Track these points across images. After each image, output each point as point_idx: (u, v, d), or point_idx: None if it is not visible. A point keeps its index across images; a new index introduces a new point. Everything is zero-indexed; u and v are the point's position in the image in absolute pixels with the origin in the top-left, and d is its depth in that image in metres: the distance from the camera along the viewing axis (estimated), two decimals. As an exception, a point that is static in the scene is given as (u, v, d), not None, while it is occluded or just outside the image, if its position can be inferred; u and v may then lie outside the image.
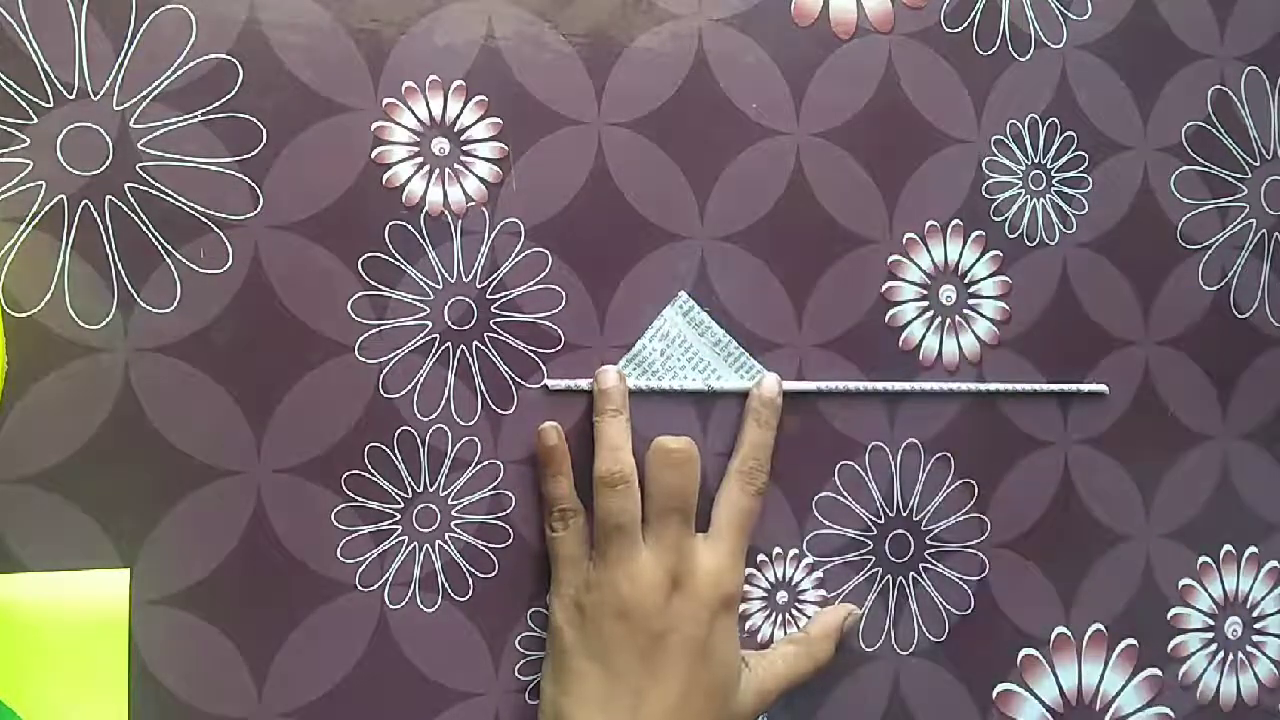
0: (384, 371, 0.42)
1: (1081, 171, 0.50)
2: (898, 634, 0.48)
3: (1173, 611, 0.51)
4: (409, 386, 0.42)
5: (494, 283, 0.43)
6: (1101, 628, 0.50)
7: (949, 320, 0.49)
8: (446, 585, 0.43)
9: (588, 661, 0.41)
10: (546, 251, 0.44)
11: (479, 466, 0.43)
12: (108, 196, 0.39)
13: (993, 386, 0.48)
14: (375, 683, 0.42)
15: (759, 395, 0.45)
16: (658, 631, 0.41)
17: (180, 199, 0.40)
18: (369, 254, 0.42)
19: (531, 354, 0.44)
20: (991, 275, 0.49)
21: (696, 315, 0.45)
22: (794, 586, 0.47)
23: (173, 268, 0.40)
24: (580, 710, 0.40)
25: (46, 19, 0.39)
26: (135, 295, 0.40)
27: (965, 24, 0.49)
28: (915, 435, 0.48)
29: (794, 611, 0.47)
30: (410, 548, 0.42)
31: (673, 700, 0.40)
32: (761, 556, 0.46)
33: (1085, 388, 0.49)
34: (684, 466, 0.42)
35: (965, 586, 0.48)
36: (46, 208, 0.39)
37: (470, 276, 0.43)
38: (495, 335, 0.43)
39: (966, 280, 0.49)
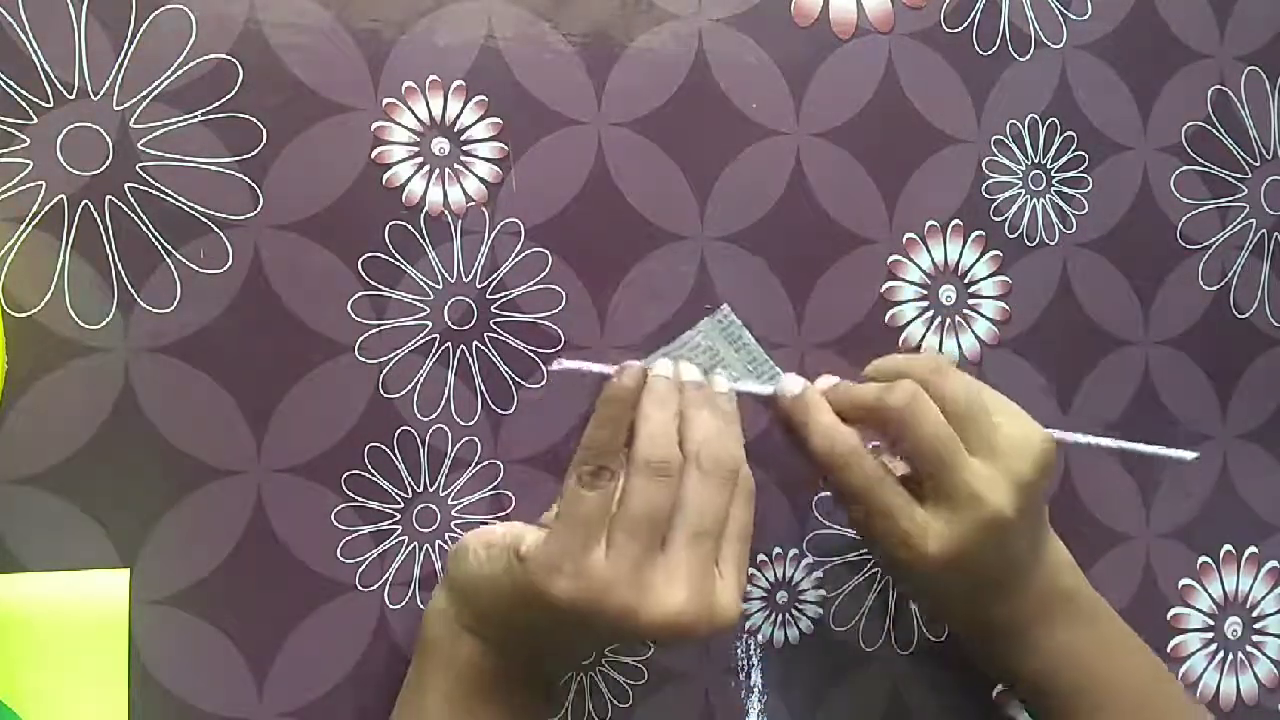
0: (384, 371, 0.42)
1: (1081, 171, 0.50)
2: (897, 634, 0.48)
3: (1173, 611, 0.51)
4: (409, 386, 0.42)
5: (494, 283, 0.43)
6: (1101, 628, 0.50)
7: (949, 320, 0.49)
8: (446, 585, 0.43)
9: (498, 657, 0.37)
10: (546, 251, 0.44)
11: (479, 466, 0.43)
12: (108, 196, 0.39)
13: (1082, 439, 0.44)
14: (375, 683, 0.42)
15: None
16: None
17: (180, 199, 0.40)
18: (369, 254, 0.42)
19: (531, 354, 0.44)
20: (991, 275, 0.49)
21: (735, 330, 0.42)
22: (794, 586, 0.47)
23: (173, 268, 0.40)
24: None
25: (46, 19, 0.39)
26: (135, 295, 0.40)
27: (965, 24, 0.49)
28: (915, 435, 0.48)
29: (794, 611, 0.47)
30: (410, 548, 0.42)
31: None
32: (761, 557, 0.46)
33: (1171, 453, 0.44)
34: (730, 485, 0.36)
35: (965, 586, 0.48)
36: (46, 208, 0.39)
37: (470, 276, 0.43)
38: (495, 335, 0.43)
39: (966, 280, 0.49)
